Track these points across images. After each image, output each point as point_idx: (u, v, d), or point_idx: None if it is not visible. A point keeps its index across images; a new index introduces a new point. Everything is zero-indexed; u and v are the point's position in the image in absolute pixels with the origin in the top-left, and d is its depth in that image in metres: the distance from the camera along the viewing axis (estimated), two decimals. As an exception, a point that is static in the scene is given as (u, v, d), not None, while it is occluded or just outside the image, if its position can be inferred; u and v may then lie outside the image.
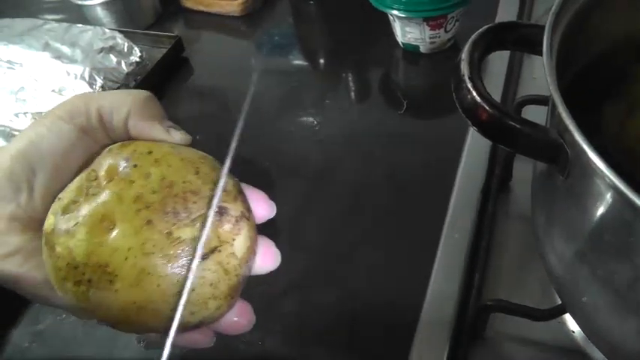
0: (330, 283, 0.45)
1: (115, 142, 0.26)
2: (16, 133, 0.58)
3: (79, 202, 0.24)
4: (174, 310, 0.23)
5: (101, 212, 0.23)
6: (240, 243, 0.25)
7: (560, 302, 0.37)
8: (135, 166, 0.24)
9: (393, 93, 0.61)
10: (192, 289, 0.23)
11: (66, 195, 0.24)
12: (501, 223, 0.46)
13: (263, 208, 0.27)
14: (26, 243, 0.25)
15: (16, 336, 0.45)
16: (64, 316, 0.46)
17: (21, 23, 0.66)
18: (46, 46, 0.62)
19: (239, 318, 0.26)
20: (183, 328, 0.24)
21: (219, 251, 0.24)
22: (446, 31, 0.61)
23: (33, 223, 0.25)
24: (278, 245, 0.28)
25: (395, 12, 0.59)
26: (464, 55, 0.29)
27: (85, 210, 0.23)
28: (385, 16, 0.62)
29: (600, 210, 0.26)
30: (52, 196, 0.25)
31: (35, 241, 0.25)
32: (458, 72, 0.28)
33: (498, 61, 0.59)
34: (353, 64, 0.66)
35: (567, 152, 0.27)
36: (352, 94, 0.63)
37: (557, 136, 0.27)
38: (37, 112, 0.58)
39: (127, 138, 0.27)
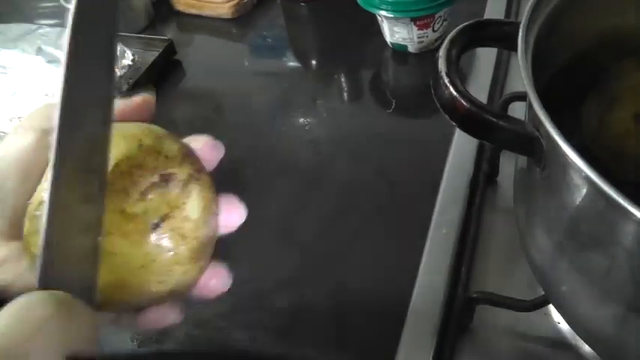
0: (320, 279, 0.46)
1: None
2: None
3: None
4: (144, 283, 0.24)
5: None
6: (192, 205, 0.25)
7: (543, 293, 0.37)
8: None
9: (382, 92, 0.62)
10: (152, 260, 0.24)
11: (35, 198, 0.25)
12: (488, 218, 0.47)
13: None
14: (10, 253, 0.25)
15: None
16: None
17: (15, 28, 0.67)
18: (40, 51, 0.63)
19: (213, 280, 0.27)
20: (159, 299, 0.25)
21: (171, 217, 0.24)
22: (434, 31, 0.61)
23: (14, 232, 0.25)
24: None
25: (383, 12, 0.59)
26: (441, 52, 0.29)
27: None
28: (374, 16, 0.62)
29: (574, 200, 0.26)
30: (24, 202, 0.25)
31: (18, 249, 0.25)
32: (435, 69, 0.29)
33: (485, 58, 0.60)
34: (343, 65, 0.67)
35: (542, 144, 0.27)
36: (343, 94, 0.64)
37: (532, 129, 0.28)
38: (31, 117, 0.59)
39: None
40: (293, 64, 0.69)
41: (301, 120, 0.60)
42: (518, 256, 0.43)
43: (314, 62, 0.71)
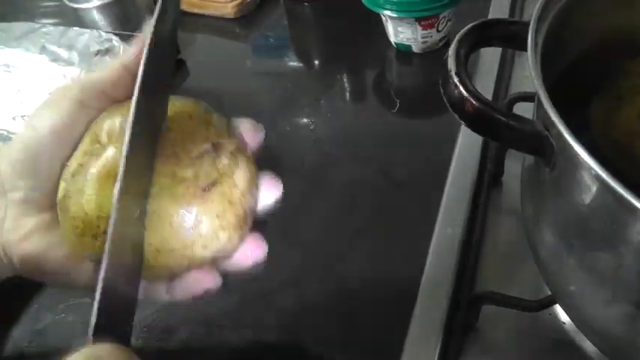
0: (325, 279, 0.46)
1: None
2: (14, 136, 0.58)
3: (86, 164, 0.25)
4: (188, 247, 0.24)
5: (107, 168, 0.24)
6: (239, 174, 0.26)
7: (549, 293, 0.37)
8: None
9: (386, 92, 0.62)
10: (200, 223, 0.24)
11: (73, 161, 0.25)
12: (493, 217, 0.47)
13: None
14: (42, 222, 0.26)
15: (15, 335, 0.46)
16: (63, 315, 0.46)
17: (18, 27, 0.67)
18: (43, 50, 0.63)
19: (251, 249, 0.27)
20: (199, 264, 0.25)
21: (221, 183, 0.25)
22: (438, 31, 0.61)
23: (46, 202, 0.26)
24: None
25: (387, 12, 0.59)
26: (450, 51, 0.29)
27: (92, 169, 0.24)
28: (378, 16, 0.62)
29: (584, 199, 0.26)
30: (59, 170, 0.26)
31: (51, 218, 0.26)
32: (445, 68, 0.29)
33: (490, 59, 0.60)
34: (347, 65, 0.67)
35: (552, 144, 0.27)
36: (346, 94, 0.64)
37: (542, 129, 0.28)
38: (35, 115, 0.59)
39: (126, 97, 0.27)
40: (296, 63, 0.69)
41: (305, 120, 0.60)
42: (523, 256, 0.43)
43: (317, 62, 0.71)
